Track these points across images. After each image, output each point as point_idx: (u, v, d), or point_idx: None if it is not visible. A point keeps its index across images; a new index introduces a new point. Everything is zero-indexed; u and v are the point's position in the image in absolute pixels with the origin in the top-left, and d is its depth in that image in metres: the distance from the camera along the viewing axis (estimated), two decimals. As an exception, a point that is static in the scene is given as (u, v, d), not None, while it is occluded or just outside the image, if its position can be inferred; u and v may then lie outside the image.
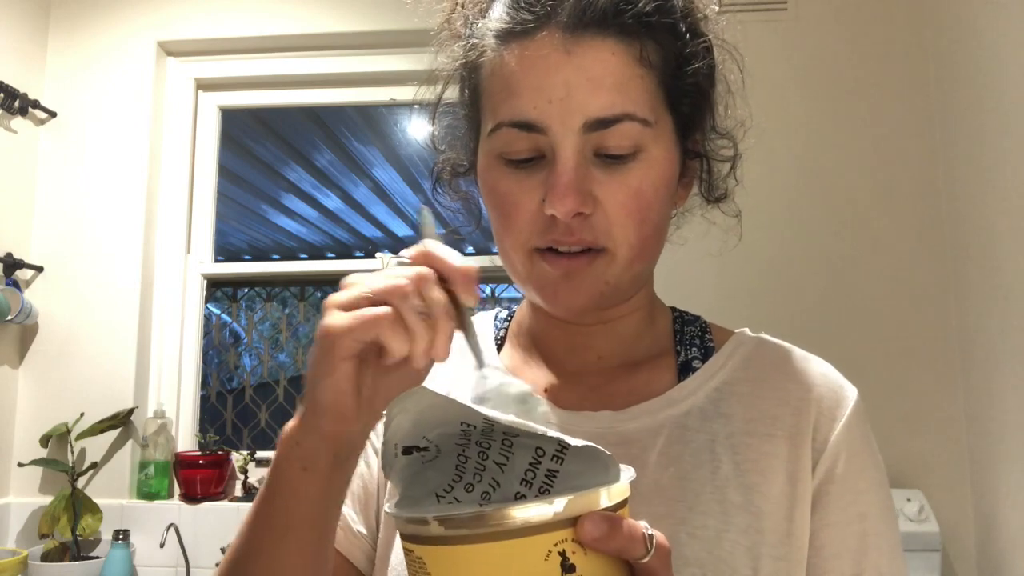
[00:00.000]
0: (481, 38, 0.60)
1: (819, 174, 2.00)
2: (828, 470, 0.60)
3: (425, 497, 0.43)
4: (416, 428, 0.43)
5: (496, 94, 0.59)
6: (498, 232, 0.61)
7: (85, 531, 1.95)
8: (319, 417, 0.46)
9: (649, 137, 0.57)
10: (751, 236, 0.71)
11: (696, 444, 0.60)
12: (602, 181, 0.57)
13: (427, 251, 0.47)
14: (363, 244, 5.01)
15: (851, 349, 1.90)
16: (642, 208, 0.58)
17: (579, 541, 0.37)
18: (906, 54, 2.01)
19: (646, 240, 0.59)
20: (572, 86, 0.55)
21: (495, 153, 0.59)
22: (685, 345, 0.67)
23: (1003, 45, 1.58)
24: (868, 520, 0.60)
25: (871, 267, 1.95)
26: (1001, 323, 1.62)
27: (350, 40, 2.26)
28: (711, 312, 0.72)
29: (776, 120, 2.01)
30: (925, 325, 1.91)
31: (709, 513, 0.58)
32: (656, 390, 0.64)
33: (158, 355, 2.21)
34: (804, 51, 2.04)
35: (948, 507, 1.82)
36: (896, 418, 1.87)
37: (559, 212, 0.56)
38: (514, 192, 0.58)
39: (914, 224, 1.95)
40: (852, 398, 0.63)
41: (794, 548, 0.58)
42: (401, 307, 0.44)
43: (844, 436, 0.61)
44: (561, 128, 0.55)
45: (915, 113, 1.98)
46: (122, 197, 2.18)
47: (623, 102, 0.56)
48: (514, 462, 0.41)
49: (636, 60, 0.56)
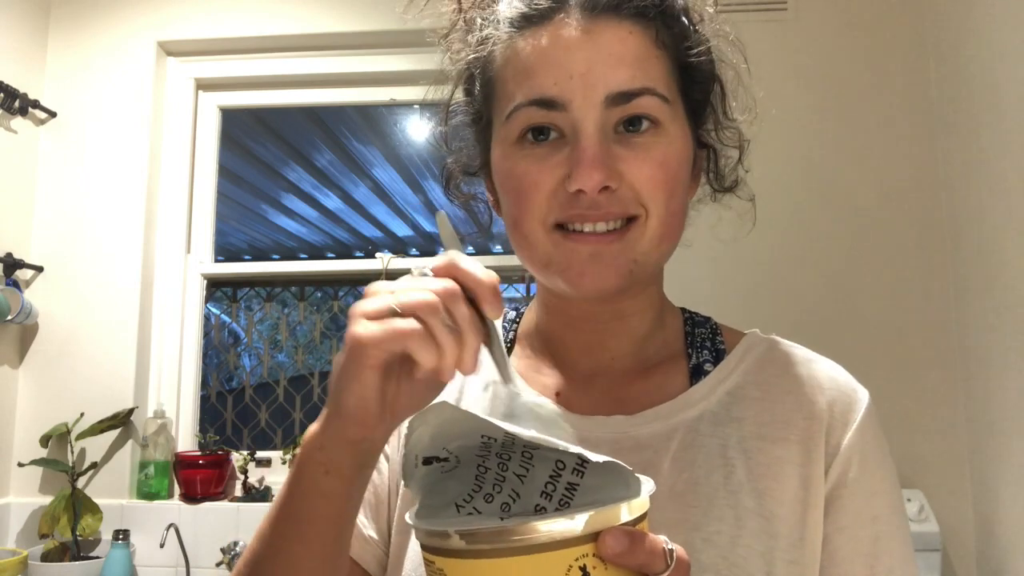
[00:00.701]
0: (494, 28, 0.60)
1: (819, 174, 1.99)
2: (841, 474, 0.60)
3: (444, 507, 0.43)
4: (435, 440, 0.44)
5: (512, 79, 0.59)
6: (515, 215, 0.60)
7: (85, 531, 1.95)
8: (343, 423, 0.46)
9: (668, 114, 0.58)
10: (751, 236, 0.71)
11: (709, 449, 0.60)
12: (625, 157, 0.57)
13: (453, 263, 0.46)
14: (363, 244, 5.01)
15: (851, 349, 1.89)
16: (669, 179, 0.58)
17: (600, 556, 0.37)
18: (906, 54, 2.01)
19: (674, 213, 0.59)
20: (593, 61, 0.56)
21: (512, 138, 0.59)
22: (696, 348, 0.67)
23: (1003, 45, 1.58)
24: (880, 523, 0.60)
25: (871, 267, 1.95)
26: (1001, 323, 1.62)
27: (350, 40, 2.26)
28: (711, 312, 0.72)
29: (776, 120, 2.01)
30: (925, 325, 1.91)
31: (723, 518, 0.58)
32: (669, 394, 0.64)
33: (158, 355, 2.21)
34: (804, 51, 2.04)
35: (948, 507, 1.82)
36: (896, 419, 1.87)
37: (587, 186, 0.55)
38: (533, 172, 0.58)
39: (914, 224, 1.95)
40: (864, 401, 0.63)
41: (807, 552, 0.58)
42: (431, 321, 0.43)
43: (857, 440, 0.61)
44: (583, 103, 0.56)
45: (915, 113, 1.98)
46: (122, 197, 2.18)
47: (643, 77, 0.56)
48: (534, 474, 0.41)
49: (652, 41, 0.58)
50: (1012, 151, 1.55)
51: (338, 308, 2.44)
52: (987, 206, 1.69)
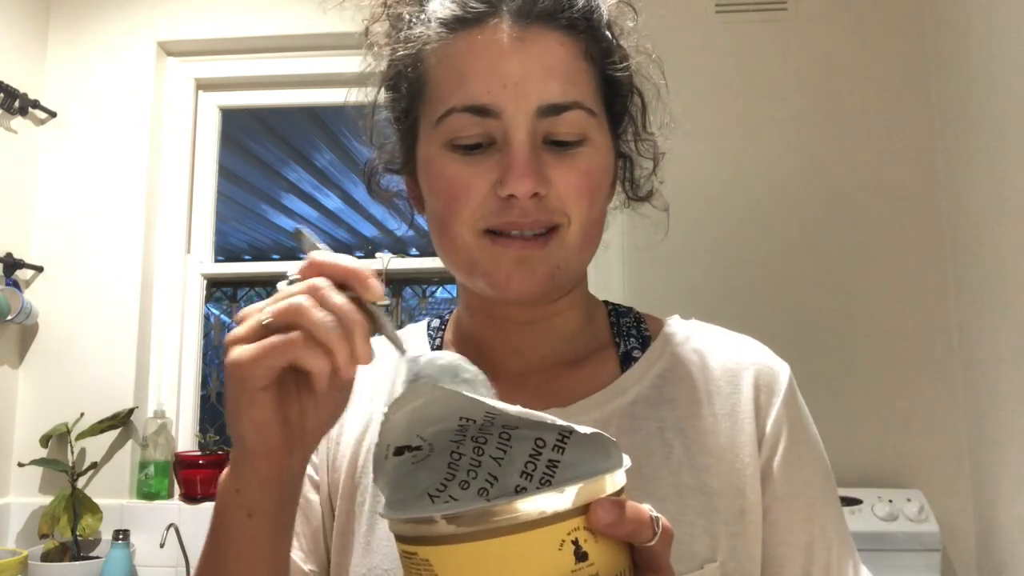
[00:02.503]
0: (425, 27, 0.60)
1: (819, 173, 1.99)
2: (772, 445, 0.62)
3: (416, 498, 0.41)
4: (411, 427, 0.42)
5: (444, 82, 0.59)
6: (444, 218, 0.60)
7: (85, 531, 1.95)
8: (251, 459, 0.44)
9: (594, 127, 0.60)
10: (750, 235, 0.71)
11: (647, 432, 0.62)
12: (553, 164, 0.58)
13: (314, 261, 0.44)
14: (363, 244, 5.02)
15: (851, 349, 1.90)
16: (592, 188, 0.59)
17: (590, 529, 0.37)
18: (906, 54, 2.01)
19: (595, 221, 0.61)
20: (527, 71, 0.56)
21: (443, 141, 0.59)
22: (623, 336, 0.68)
23: (1003, 45, 1.58)
24: (814, 488, 0.63)
25: (870, 267, 1.95)
26: (1001, 323, 1.62)
27: (350, 40, 2.24)
28: (709, 313, 0.73)
29: (775, 119, 2.01)
30: (925, 325, 1.91)
31: (665, 498, 0.59)
32: (601, 382, 0.65)
33: (158, 355, 2.21)
34: (804, 51, 2.04)
35: (948, 507, 1.82)
36: (896, 418, 1.87)
37: (518, 192, 0.56)
38: (464, 175, 0.58)
39: (914, 223, 1.95)
40: (786, 373, 0.65)
41: (748, 523, 0.60)
42: (307, 323, 0.41)
43: (783, 412, 0.63)
44: (515, 112, 0.56)
45: (915, 113, 1.98)
46: (122, 197, 2.18)
47: (574, 91, 0.58)
48: (512, 455, 0.40)
49: (581, 54, 0.59)
50: (1012, 150, 1.55)
51: (338, 308, 2.43)
52: (987, 205, 1.69)
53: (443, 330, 0.73)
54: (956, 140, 1.86)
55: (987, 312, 1.70)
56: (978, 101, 1.72)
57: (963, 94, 1.81)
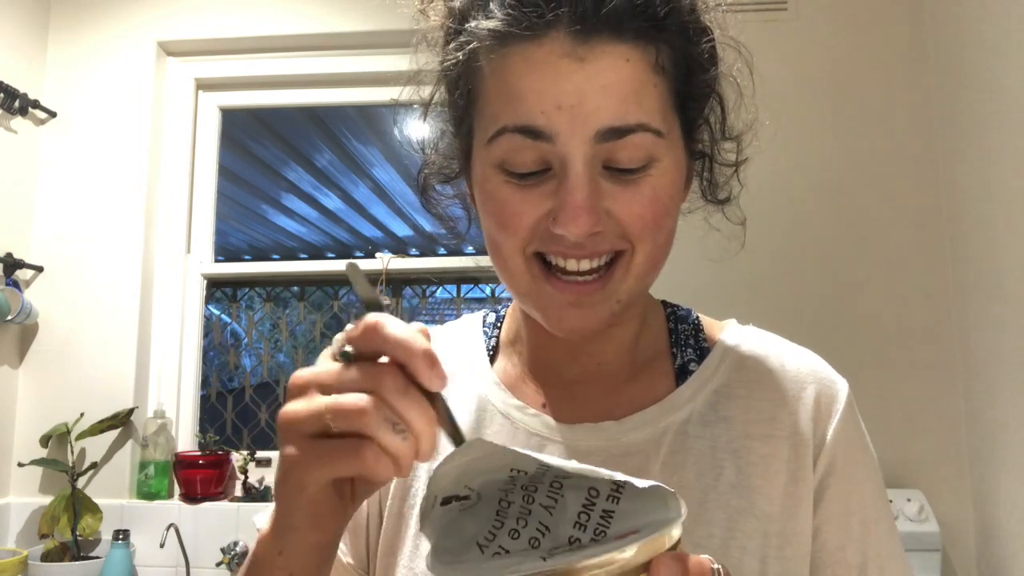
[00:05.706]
0: (479, 38, 0.55)
1: (819, 174, 1.99)
2: (828, 465, 0.60)
3: (463, 546, 0.40)
4: (460, 479, 0.41)
5: (497, 98, 0.54)
6: (495, 240, 0.57)
7: (85, 531, 1.95)
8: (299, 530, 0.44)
9: (662, 147, 0.54)
10: (750, 235, 0.71)
11: (698, 451, 0.60)
12: (614, 194, 0.53)
13: (374, 332, 0.40)
14: (363, 244, 5.02)
15: (851, 349, 1.90)
16: (658, 216, 0.55)
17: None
18: (906, 54, 2.01)
19: (662, 248, 0.57)
20: (584, 93, 0.51)
21: (495, 162, 0.55)
22: (680, 346, 0.67)
23: (1003, 45, 1.58)
24: (868, 508, 0.61)
25: (871, 267, 1.95)
26: (1001, 323, 1.62)
27: (350, 40, 2.26)
28: (710, 312, 0.72)
29: (776, 120, 2.00)
30: (925, 325, 1.91)
31: (713, 522, 0.57)
32: (656, 396, 0.63)
33: (158, 355, 2.21)
34: (804, 51, 2.04)
35: (948, 507, 1.82)
36: (896, 418, 1.87)
37: (571, 234, 0.52)
38: (515, 201, 0.54)
39: (914, 223, 1.95)
40: (845, 391, 0.63)
41: (799, 546, 0.58)
42: (376, 433, 0.39)
43: (841, 430, 0.61)
44: (571, 137, 0.51)
45: (915, 113, 1.98)
46: (122, 197, 2.18)
47: (637, 112, 0.52)
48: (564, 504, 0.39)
49: (651, 67, 0.53)
50: (1012, 150, 1.55)
51: (338, 308, 2.44)
52: (987, 205, 1.69)
53: (499, 327, 0.71)
54: (956, 140, 1.86)
55: (987, 312, 1.70)
56: (978, 101, 1.72)
57: (963, 94, 1.81)
